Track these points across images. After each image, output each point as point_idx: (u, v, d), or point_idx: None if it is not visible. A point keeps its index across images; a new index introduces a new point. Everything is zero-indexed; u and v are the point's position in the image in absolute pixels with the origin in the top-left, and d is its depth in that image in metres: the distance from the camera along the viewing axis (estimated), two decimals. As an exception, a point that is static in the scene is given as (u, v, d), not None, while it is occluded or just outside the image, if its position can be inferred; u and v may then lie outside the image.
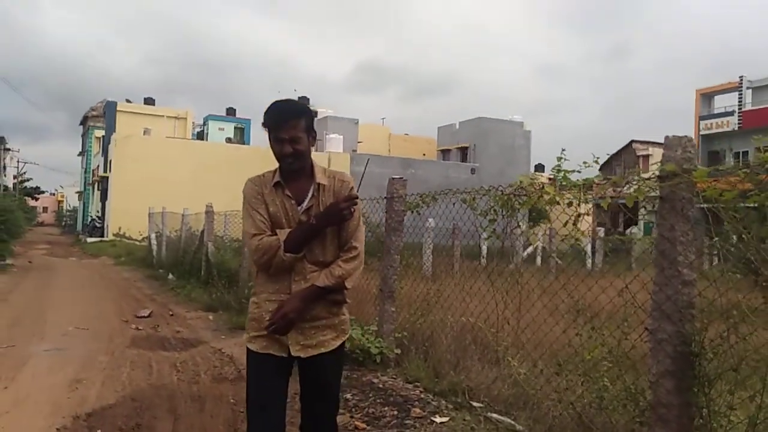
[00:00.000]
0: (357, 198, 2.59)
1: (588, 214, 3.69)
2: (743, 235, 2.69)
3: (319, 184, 2.60)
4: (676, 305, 2.96)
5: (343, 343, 2.69)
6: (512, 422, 3.92)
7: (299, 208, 2.58)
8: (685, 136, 3.03)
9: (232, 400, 4.83)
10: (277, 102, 2.63)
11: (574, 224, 3.59)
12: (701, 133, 37.81)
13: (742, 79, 36.38)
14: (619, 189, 3.58)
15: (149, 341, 7.20)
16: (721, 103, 38.55)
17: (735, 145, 35.41)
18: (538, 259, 16.76)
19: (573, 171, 3.64)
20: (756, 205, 2.80)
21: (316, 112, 46.97)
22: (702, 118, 38.24)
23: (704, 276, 3.04)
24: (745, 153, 35.26)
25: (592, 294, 3.97)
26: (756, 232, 2.69)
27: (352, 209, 2.56)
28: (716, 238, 2.97)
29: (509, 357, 4.39)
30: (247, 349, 2.65)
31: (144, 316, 8.91)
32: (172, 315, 9.22)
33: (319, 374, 2.61)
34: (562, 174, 3.63)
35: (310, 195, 2.59)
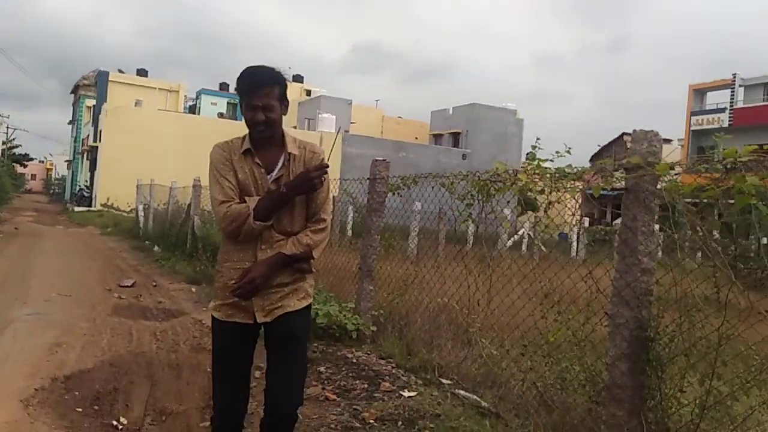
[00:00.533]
0: (327, 167, 2.58)
1: (576, 203, 3.77)
2: (697, 227, 2.81)
3: (290, 153, 2.59)
4: (634, 292, 3.09)
5: (309, 305, 2.70)
6: (478, 399, 4.06)
7: (269, 176, 2.56)
8: (651, 131, 3.13)
9: (208, 369, 4.91)
10: (250, 68, 2.57)
11: (545, 212, 3.71)
12: (692, 128, 38.10)
13: (735, 77, 36.60)
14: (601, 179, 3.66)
15: (131, 310, 7.29)
16: (714, 99, 38.82)
17: (725, 142, 35.61)
18: (524, 246, 16.96)
19: (546, 160, 3.75)
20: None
21: (308, 91, 46.77)
22: (694, 113, 38.50)
23: (662, 265, 3.16)
24: (735, 151, 35.53)
25: (561, 280, 4.10)
26: (708, 224, 2.81)
27: (323, 179, 2.55)
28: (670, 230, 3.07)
29: (480, 338, 4.53)
30: (212, 318, 2.68)
31: (127, 286, 8.98)
32: (155, 286, 9.30)
33: (286, 331, 2.59)
34: (536, 162, 3.73)
35: (280, 164, 2.58)
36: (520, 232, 16.05)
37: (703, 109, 38.66)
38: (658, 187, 3.06)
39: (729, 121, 36.16)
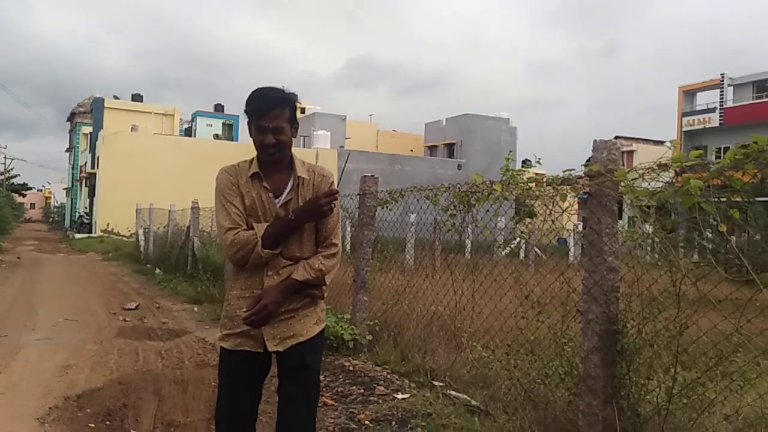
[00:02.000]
0: (337, 193, 2.51)
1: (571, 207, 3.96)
2: (653, 226, 3.07)
3: (299, 177, 2.51)
4: (602, 289, 3.34)
5: (322, 330, 2.61)
6: (468, 398, 4.29)
7: (277, 201, 2.49)
8: (610, 140, 3.40)
9: (213, 384, 5.16)
10: (260, 89, 2.50)
11: (512, 220, 3.97)
12: (683, 129, 38.45)
13: (723, 77, 37.02)
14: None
15: (136, 331, 7.52)
16: (704, 100, 39.23)
17: (717, 142, 36.07)
18: (521, 253, 17.21)
19: (520, 171, 4.00)
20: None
21: (302, 109, 47.19)
22: (684, 114, 38.87)
23: (624, 263, 3.41)
24: (727, 149, 35.89)
25: (539, 282, 4.35)
26: (661, 223, 3.08)
27: (333, 205, 2.48)
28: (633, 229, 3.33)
29: (471, 341, 4.77)
30: (221, 349, 2.57)
31: (131, 309, 9.21)
32: (158, 307, 9.54)
33: (297, 364, 2.51)
34: (510, 173, 3.99)
35: (289, 188, 2.51)
36: (517, 239, 16.36)
37: (693, 109, 39.06)
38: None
39: (720, 120, 36.53)
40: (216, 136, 44.15)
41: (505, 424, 3.85)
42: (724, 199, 2.93)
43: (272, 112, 2.43)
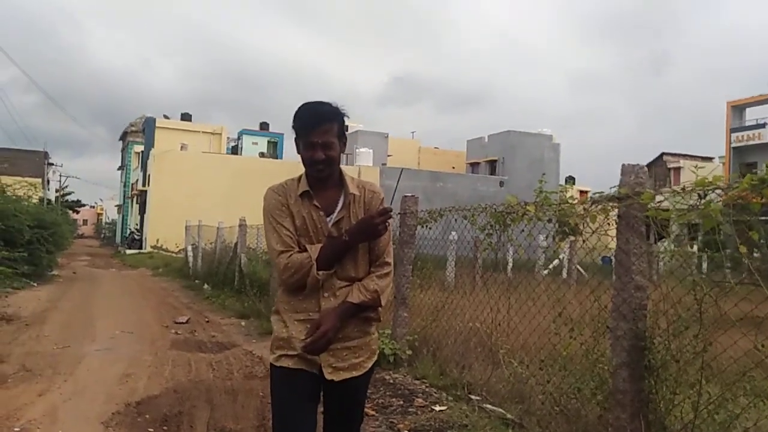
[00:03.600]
0: (391, 211, 2.46)
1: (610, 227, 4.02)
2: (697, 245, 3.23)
3: (351, 194, 2.44)
4: (630, 307, 3.51)
5: (374, 363, 2.53)
6: (503, 412, 4.47)
7: (328, 219, 2.41)
8: (638, 165, 3.58)
9: (261, 394, 5.46)
10: (308, 103, 2.44)
11: (554, 239, 4.16)
12: (732, 145, 37.64)
13: (773, 91, 36.18)
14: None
15: (187, 344, 7.91)
16: (753, 115, 38.38)
17: (767, 158, 35.22)
18: (564, 272, 17.18)
19: (553, 192, 4.20)
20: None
21: (346, 128, 47.94)
22: (733, 130, 38.07)
23: (652, 282, 3.56)
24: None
25: (577, 300, 4.52)
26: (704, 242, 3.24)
27: (387, 224, 2.41)
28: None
29: (508, 358, 4.95)
30: (272, 368, 2.46)
31: (182, 322, 9.64)
32: (207, 321, 9.95)
33: (348, 396, 2.48)
34: (543, 195, 4.19)
35: (340, 206, 2.43)
36: (560, 257, 16.35)
37: (742, 125, 38.22)
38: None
39: (770, 135, 35.66)
40: (261, 154, 45.18)
41: (538, 436, 4.02)
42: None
43: (321, 127, 2.36)
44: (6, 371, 5.96)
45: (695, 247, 4.86)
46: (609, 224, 4.15)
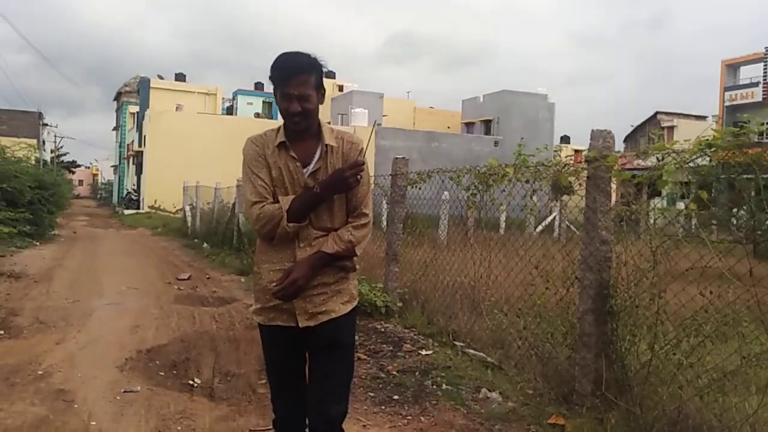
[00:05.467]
0: (364, 164, 2.42)
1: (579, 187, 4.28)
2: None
3: (327, 145, 2.43)
4: (596, 259, 3.89)
5: (355, 308, 2.54)
6: (484, 356, 4.90)
7: (305, 170, 2.41)
8: (605, 130, 3.92)
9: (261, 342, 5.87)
10: (285, 54, 2.39)
11: (531, 197, 4.52)
12: (726, 104, 37.80)
13: (767, 50, 36.16)
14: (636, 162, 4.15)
15: (190, 299, 8.32)
16: (747, 74, 38.40)
17: (760, 116, 35.40)
18: (555, 230, 17.59)
19: (530, 155, 4.53)
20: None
21: (341, 87, 47.78)
22: (727, 89, 38.17)
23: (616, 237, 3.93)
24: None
25: (550, 255, 4.91)
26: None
27: (359, 176, 2.39)
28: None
29: (491, 309, 5.36)
30: (258, 323, 2.55)
31: (184, 279, 10.05)
32: (208, 278, 10.36)
33: (331, 339, 2.45)
34: (522, 158, 4.52)
35: (317, 157, 2.42)
36: (552, 216, 16.76)
37: (736, 84, 38.30)
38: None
39: (762, 95, 35.80)
40: (257, 115, 45.13)
41: (514, 376, 4.46)
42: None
43: (298, 78, 2.32)
44: (21, 324, 6.36)
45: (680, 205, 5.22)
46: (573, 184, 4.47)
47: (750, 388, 3.34)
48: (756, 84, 36.40)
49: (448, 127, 46.20)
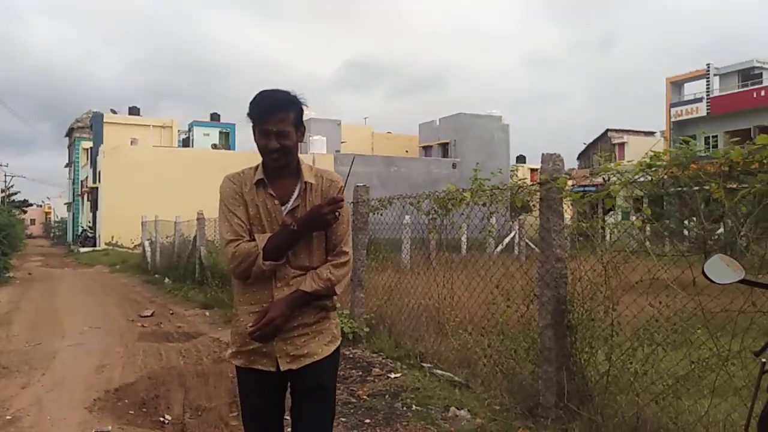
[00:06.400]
0: (342, 201, 2.37)
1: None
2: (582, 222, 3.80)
3: (306, 182, 2.40)
4: (552, 276, 4.08)
5: (338, 348, 2.49)
6: (451, 375, 5.03)
7: (283, 208, 2.37)
8: (555, 154, 4.14)
9: (231, 375, 5.87)
10: (264, 92, 2.39)
11: (488, 220, 4.71)
12: (672, 119, 39.20)
13: (709, 67, 37.76)
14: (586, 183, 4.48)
15: (155, 335, 8.25)
16: (691, 90, 39.95)
17: (705, 130, 36.89)
18: (515, 249, 17.95)
19: (486, 179, 4.73)
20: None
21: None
22: (673, 105, 39.59)
23: (571, 255, 4.14)
24: (715, 137, 36.78)
25: (509, 273, 5.09)
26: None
27: (337, 213, 2.34)
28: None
29: (454, 328, 5.50)
30: (236, 367, 2.47)
31: (147, 316, 9.95)
32: (172, 313, 10.27)
33: (314, 383, 2.39)
34: (477, 182, 4.72)
35: (296, 194, 2.39)
36: (511, 235, 17.11)
37: (681, 100, 39.79)
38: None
39: (707, 110, 37.26)
40: (214, 146, 44.88)
41: (481, 393, 4.60)
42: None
43: (276, 116, 2.32)
44: (-18, 369, 6.23)
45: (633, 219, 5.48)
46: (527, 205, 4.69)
47: (702, 391, 3.53)
48: (700, 99, 37.88)
49: (406, 151, 46.71)
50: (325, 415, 2.47)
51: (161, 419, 4.72)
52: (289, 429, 2.52)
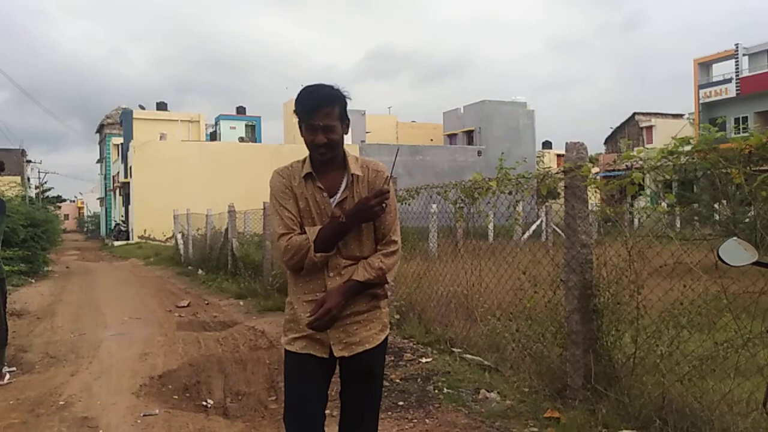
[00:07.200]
0: (388, 192, 2.42)
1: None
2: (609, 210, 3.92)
3: (353, 174, 2.46)
4: (578, 261, 4.20)
5: (386, 337, 2.58)
6: (481, 359, 5.18)
7: (332, 200, 2.44)
8: (578, 142, 4.24)
9: (267, 362, 6.12)
10: (309, 87, 2.46)
11: (515, 207, 4.83)
12: (701, 101, 38.59)
13: (737, 47, 37.05)
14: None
15: (192, 325, 8.54)
16: (720, 71, 39.26)
17: (735, 111, 36.33)
18: (543, 234, 17.97)
19: (512, 168, 4.85)
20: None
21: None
22: (701, 86, 38.97)
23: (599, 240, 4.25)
24: (745, 119, 36.13)
25: (537, 261, 5.22)
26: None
27: (384, 204, 2.40)
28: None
29: (484, 314, 5.65)
30: (285, 351, 2.54)
31: (184, 306, 10.26)
32: (207, 304, 10.58)
33: (364, 370, 2.51)
34: (503, 171, 4.84)
35: (343, 187, 2.45)
36: (537, 222, 17.13)
37: (710, 81, 39.12)
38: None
39: (736, 90, 36.62)
40: (241, 139, 45.37)
41: (510, 376, 4.75)
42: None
43: (322, 111, 2.38)
44: (32, 359, 6.56)
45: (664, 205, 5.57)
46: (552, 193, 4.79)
47: (726, 371, 3.63)
48: (729, 80, 37.22)
49: (431, 140, 46.71)
50: (374, 402, 2.61)
51: (204, 403, 4.96)
52: (337, 412, 2.68)
